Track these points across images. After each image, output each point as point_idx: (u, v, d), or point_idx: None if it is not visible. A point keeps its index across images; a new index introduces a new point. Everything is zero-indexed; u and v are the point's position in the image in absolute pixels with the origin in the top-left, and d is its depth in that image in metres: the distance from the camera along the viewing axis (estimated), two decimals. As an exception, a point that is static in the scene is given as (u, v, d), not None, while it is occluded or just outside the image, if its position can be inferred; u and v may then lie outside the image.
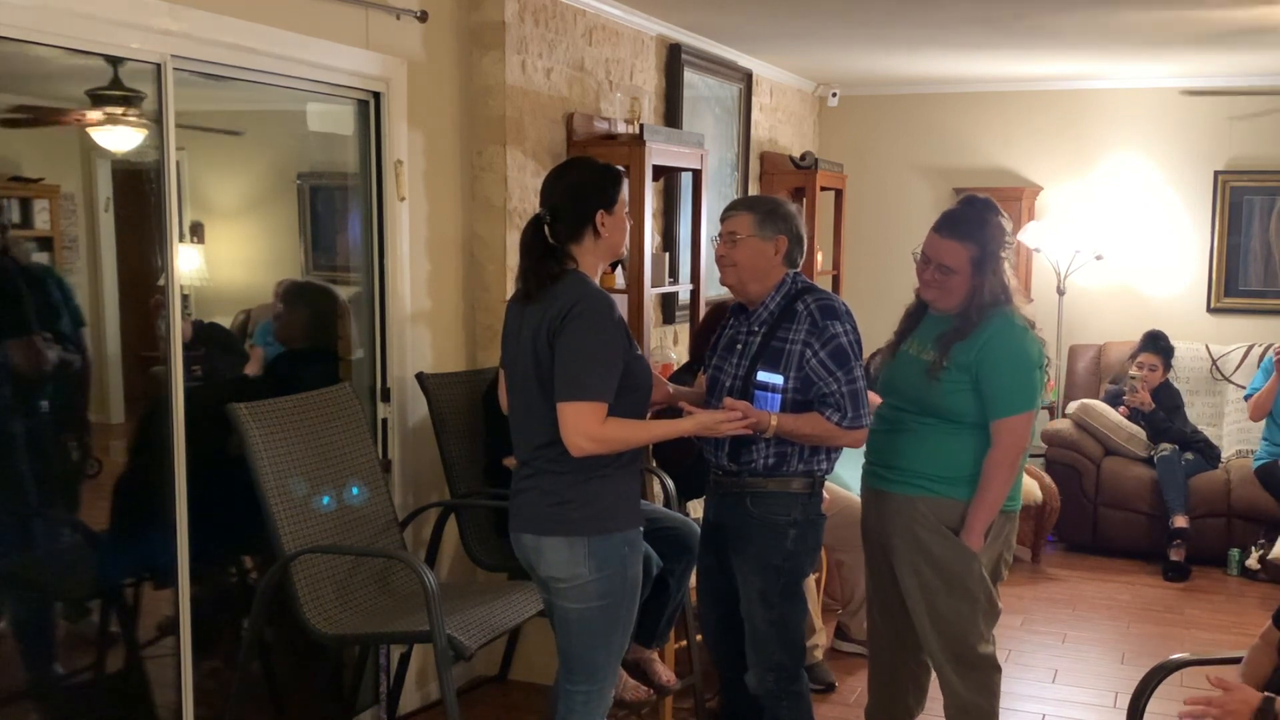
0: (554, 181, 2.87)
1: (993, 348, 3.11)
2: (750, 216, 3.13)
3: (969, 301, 3.15)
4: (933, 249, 3.19)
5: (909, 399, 3.22)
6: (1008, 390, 3.12)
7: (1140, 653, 4.83)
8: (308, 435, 3.43)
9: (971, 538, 3.14)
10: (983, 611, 3.22)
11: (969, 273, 3.14)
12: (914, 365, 3.22)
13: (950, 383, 3.14)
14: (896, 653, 3.42)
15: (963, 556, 3.15)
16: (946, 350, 3.13)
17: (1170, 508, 6.00)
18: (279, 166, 4.05)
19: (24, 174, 3.19)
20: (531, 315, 2.79)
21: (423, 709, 4.17)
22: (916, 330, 3.30)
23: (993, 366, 3.11)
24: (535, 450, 2.82)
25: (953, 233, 3.16)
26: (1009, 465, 3.13)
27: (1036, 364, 3.16)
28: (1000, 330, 3.13)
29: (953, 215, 3.20)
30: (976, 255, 3.13)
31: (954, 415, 3.16)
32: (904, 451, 3.21)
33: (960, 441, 3.16)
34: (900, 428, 3.23)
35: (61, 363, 3.15)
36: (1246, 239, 6.98)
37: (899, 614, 3.32)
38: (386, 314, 4.00)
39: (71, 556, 3.36)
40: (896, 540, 3.23)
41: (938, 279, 3.17)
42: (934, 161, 7.52)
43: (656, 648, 3.83)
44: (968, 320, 3.14)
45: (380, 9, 3.82)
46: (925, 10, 4.98)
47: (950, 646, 3.22)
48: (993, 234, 3.16)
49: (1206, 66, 6.56)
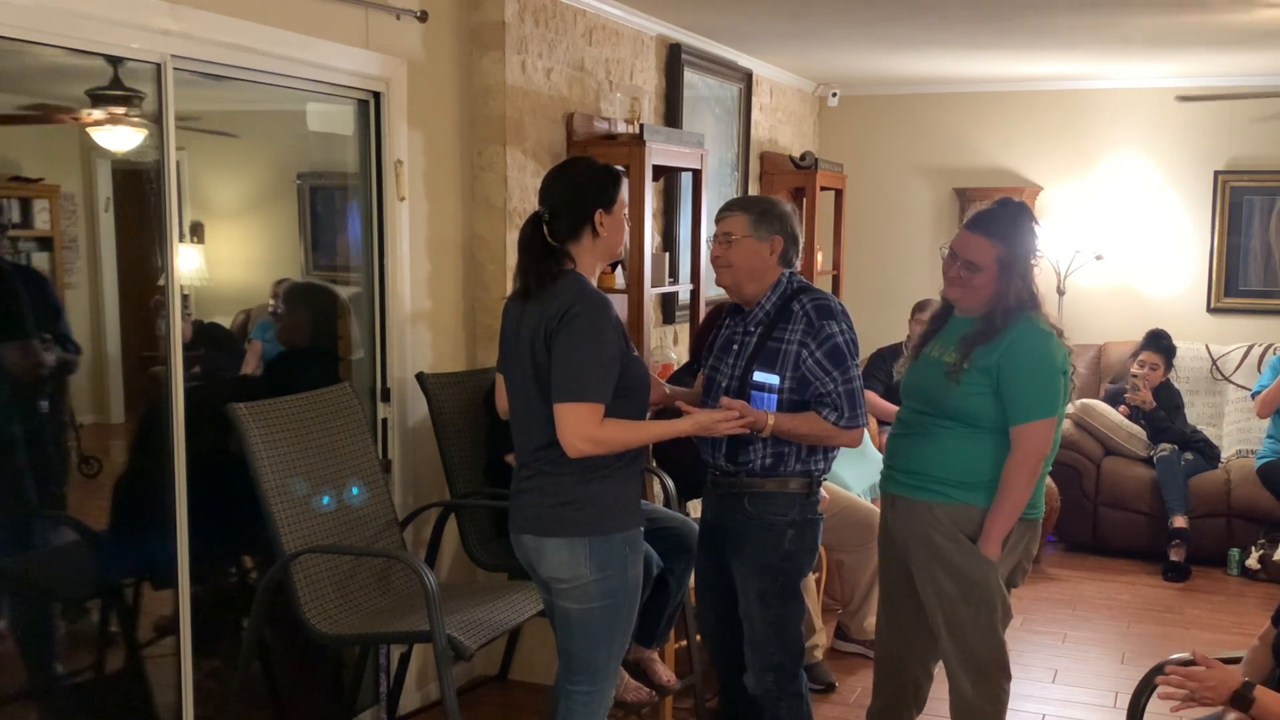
0: (553, 180, 2.87)
1: (1015, 351, 3.06)
2: (745, 217, 3.13)
3: (994, 304, 3.09)
4: (960, 244, 3.14)
5: (928, 401, 3.18)
6: (1029, 395, 3.06)
7: (1140, 653, 4.83)
8: (308, 435, 3.43)
9: (989, 546, 3.09)
10: (1000, 619, 3.18)
11: (995, 272, 3.09)
12: (935, 368, 3.17)
13: (970, 385, 3.08)
14: (904, 658, 3.40)
15: (980, 565, 3.10)
16: (969, 352, 3.08)
17: (1170, 508, 6.00)
18: (279, 166, 4.05)
19: (24, 174, 3.19)
20: (529, 316, 2.79)
21: (423, 709, 4.17)
22: (940, 333, 3.25)
23: (1014, 370, 3.05)
24: (535, 451, 2.82)
25: (983, 229, 3.10)
26: (1029, 471, 3.07)
27: (1060, 369, 3.11)
28: (1024, 334, 3.08)
29: (985, 213, 3.14)
30: (1004, 255, 3.08)
31: (973, 419, 3.10)
32: (921, 456, 3.17)
33: (979, 446, 3.11)
34: (919, 431, 3.19)
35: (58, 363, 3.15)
36: (1246, 239, 6.98)
37: (910, 620, 3.29)
38: (386, 314, 4.00)
39: (71, 556, 3.36)
40: (914, 546, 3.19)
41: (963, 276, 3.12)
42: (934, 161, 7.51)
43: (656, 648, 3.83)
44: (992, 323, 3.08)
45: (380, 9, 3.82)
46: (925, 10, 4.98)
47: (966, 654, 3.18)
48: (1023, 237, 3.11)
49: (1207, 67, 6.55)
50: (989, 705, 3.22)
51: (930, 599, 3.18)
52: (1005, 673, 3.23)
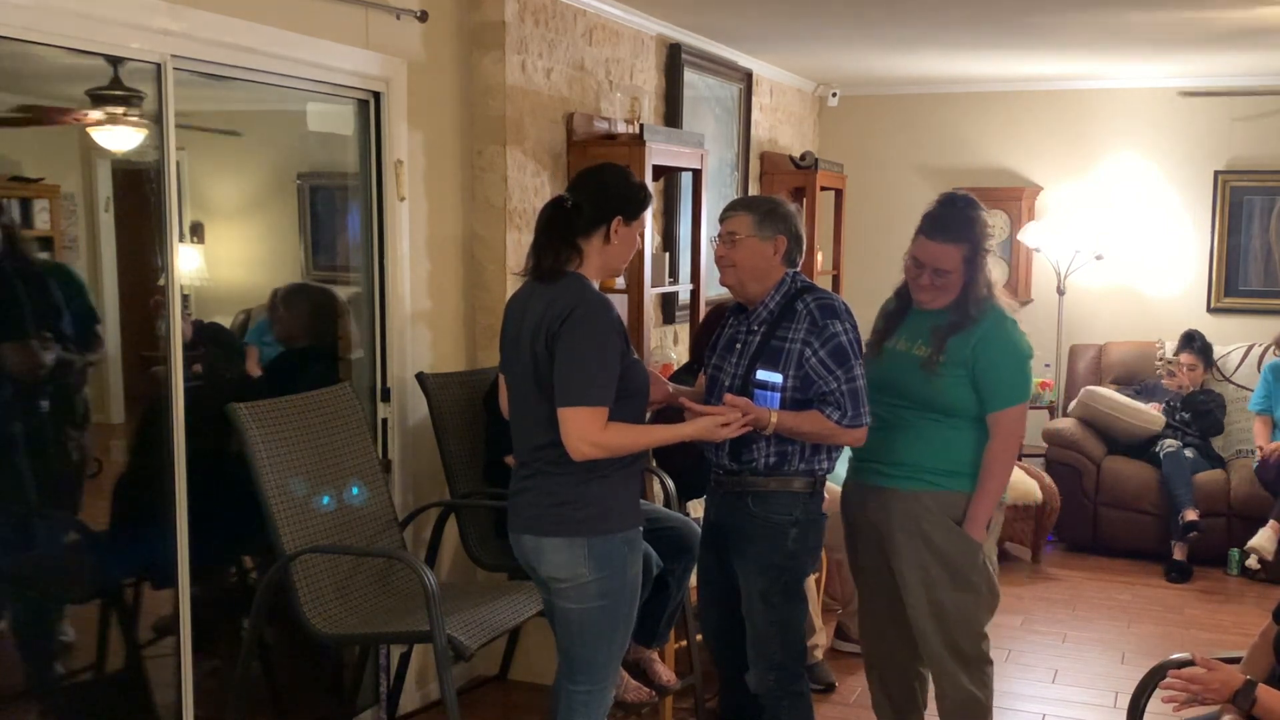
0: (588, 174, 2.91)
1: (989, 342, 3.16)
2: (749, 217, 3.13)
3: (965, 296, 3.19)
4: (926, 254, 3.21)
5: (904, 395, 3.23)
6: (1006, 383, 3.19)
7: (1140, 653, 4.83)
8: (308, 435, 3.43)
9: (975, 528, 3.20)
10: (985, 602, 3.28)
11: (963, 271, 3.18)
12: (908, 361, 3.24)
13: (948, 377, 3.17)
14: (897, 644, 3.42)
15: (969, 548, 3.20)
16: (943, 344, 3.17)
17: (1180, 502, 5.99)
18: (279, 166, 4.05)
19: (24, 174, 3.19)
20: (530, 316, 2.79)
21: (423, 709, 4.17)
22: (902, 327, 3.32)
23: (990, 360, 3.16)
24: (534, 451, 2.82)
25: (944, 235, 3.18)
26: (1009, 455, 3.22)
27: (1028, 355, 3.25)
28: (994, 325, 3.19)
29: (939, 217, 3.21)
30: (968, 253, 3.18)
31: (952, 409, 3.19)
32: (905, 447, 3.23)
33: (960, 435, 3.20)
34: (897, 425, 3.24)
35: (60, 362, 3.15)
36: (1246, 239, 6.98)
37: (897, 608, 3.33)
38: (386, 314, 4.00)
39: (71, 556, 3.36)
40: (900, 536, 3.24)
41: (936, 282, 3.20)
42: (934, 161, 7.51)
43: (656, 648, 3.83)
44: (965, 314, 3.18)
45: (380, 9, 3.82)
46: (925, 10, 4.98)
47: (951, 639, 3.25)
48: (979, 229, 3.22)
49: (1207, 67, 6.56)
50: (980, 691, 3.29)
51: (916, 587, 3.23)
52: (987, 657, 3.33)
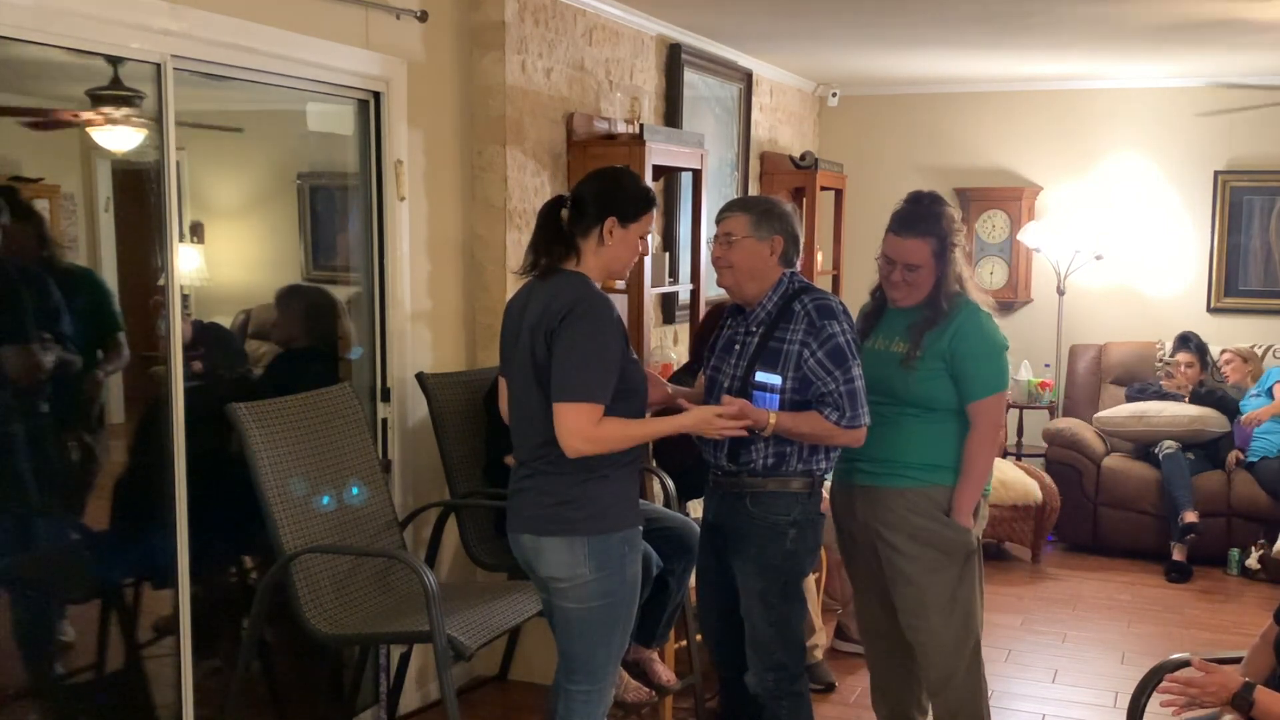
0: (592, 174, 2.93)
1: (965, 334, 3.21)
2: (746, 217, 3.13)
3: (936, 291, 3.24)
4: (895, 250, 3.26)
5: (885, 393, 3.25)
6: (984, 374, 3.23)
7: (1140, 653, 4.83)
8: (308, 435, 3.43)
9: (961, 517, 3.24)
10: (978, 589, 3.32)
11: (932, 265, 3.23)
12: (887, 359, 3.27)
13: (926, 371, 3.21)
14: (895, 641, 3.43)
15: (960, 535, 3.24)
16: (919, 339, 3.21)
17: (1179, 503, 5.99)
18: (279, 166, 4.05)
19: (24, 174, 3.19)
20: (530, 314, 2.79)
21: (423, 709, 4.17)
22: (879, 327, 3.36)
23: (967, 352, 3.21)
24: (534, 450, 2.82)
25: (911, 231, 3.24)
26: (991, 444, 3.27)
27: (1004, 345, 3.30)
28: (969, 318, 3.23)
29: (906, 214, 3.28)
30: (936, 247, 3.23)
31: (932, 403, 3.23)
32: (889, 444, 3.24)
33: (942, 429, 3.25)
34: (879, 422, 3.24)
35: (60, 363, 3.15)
36: (1246, 239, 6.98)
37: (892, 607, 3.35)
38: (386, 314, 4.00)
39: (71, 556, 3.36)
40: (891, 533, 3.26)
41: (907, 278, 3.25)
42: (934, 161, 7.51)
43: (656, 648, 3.83)
44: (938, 309, 3.23)
45: (380, 9, 3.82)
46: (925, 10, 4.98)
47: (948, 633, 3.27)
48: (946, 225, 3.26)
49: (1206, 66, 6.55)
50: (975, 682, 3.33)
51: (913, 579, 3.25)
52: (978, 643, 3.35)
